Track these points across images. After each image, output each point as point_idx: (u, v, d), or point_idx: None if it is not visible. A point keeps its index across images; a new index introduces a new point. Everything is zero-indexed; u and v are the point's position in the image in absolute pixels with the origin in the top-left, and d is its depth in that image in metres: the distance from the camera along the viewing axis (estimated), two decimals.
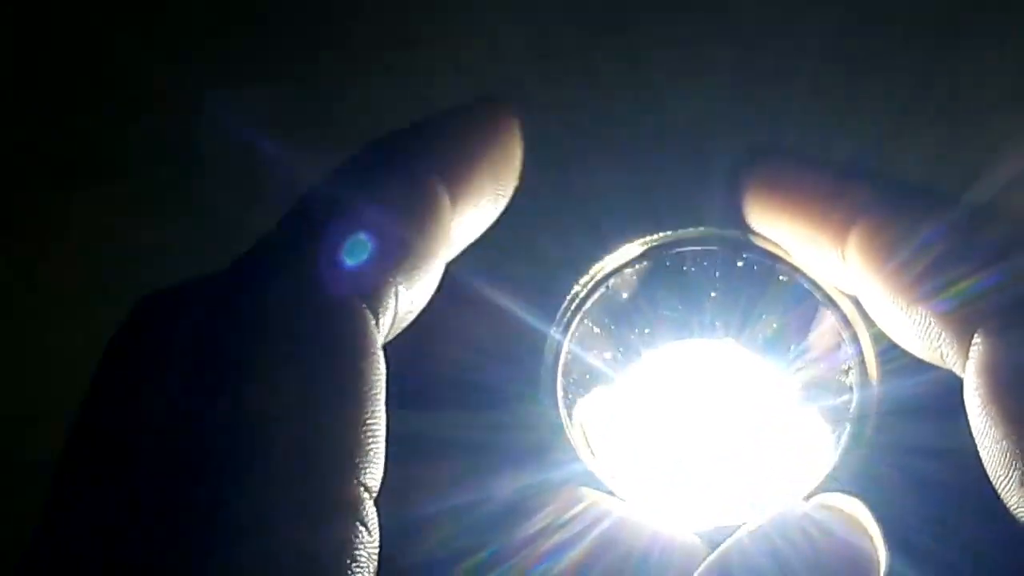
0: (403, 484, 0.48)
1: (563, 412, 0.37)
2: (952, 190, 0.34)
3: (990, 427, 0.30)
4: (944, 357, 0.32)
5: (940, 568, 0.31)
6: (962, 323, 0.31)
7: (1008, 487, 0.30)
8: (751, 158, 0.36)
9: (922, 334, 0.32)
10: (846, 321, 0.35)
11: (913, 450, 0.34)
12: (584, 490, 0.35)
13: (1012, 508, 0.30)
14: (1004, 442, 0.29)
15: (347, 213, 0.30)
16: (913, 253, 0.32)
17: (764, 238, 0.36)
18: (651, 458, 0.37)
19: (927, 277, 0.32)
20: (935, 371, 0.32)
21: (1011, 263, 0.31)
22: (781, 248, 0.36)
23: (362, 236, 0.29)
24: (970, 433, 0.31)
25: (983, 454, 0.30)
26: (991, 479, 0.30)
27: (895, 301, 0.33)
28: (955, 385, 0.32)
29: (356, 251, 0.29)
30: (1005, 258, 0.31)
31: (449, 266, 0.32)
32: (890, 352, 0.35)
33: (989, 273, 0.31)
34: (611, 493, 0.35)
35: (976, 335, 0.31)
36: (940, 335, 0.32)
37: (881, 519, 0.32)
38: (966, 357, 0.31)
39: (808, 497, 0.34)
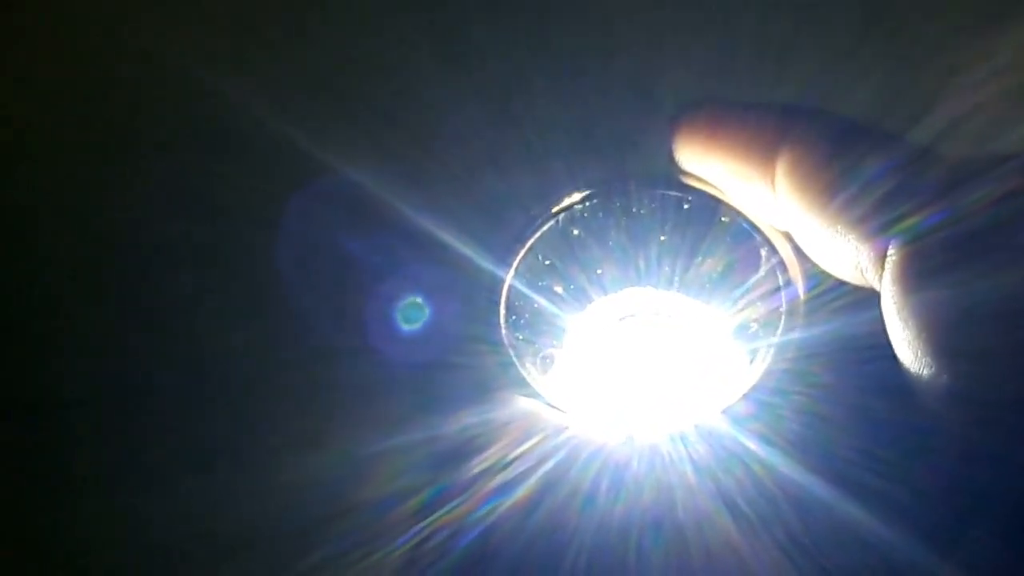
0: (352, 423, 0.49)
1: (510, 349, 0.37)
2: (901, 125, 0.36)
3: (902, 330, 0.31)
4: (864, 272, 0.33)
5: (883, 504, 0.32)
6: (881, 239, 0.32)
7: (920, 380, 0.31)
8: (686, 107, 0.37)
9: (845, 253, 0.34)
10: (782, 264, 0.37)
11: (858, 388, 0.35)
12: (532, 426, 0.36)
13: (925, 401, 0.31)
14: (916, 341, 0.31)
15: None
16: (835, 176, 0.33)
17: (705, 181, 0.37)
18: (596, 392, 0.38)
19: (850, 199, 0.33)
20: (879, 310, 0.33)
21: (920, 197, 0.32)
22: (721, 191, 0.37)
23: None
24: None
25: (899, 356, 0.32)
26: (908, 376, 0.32)
27: (818, 221, 0.34)
28: None
29: None
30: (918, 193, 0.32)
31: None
32: (836, 290, 0.36)
33: (907, 202, 0.32)
34: (559, 428, 0.36)
35: (890, 247, 0.32)
36: (860, 253, 0.33)
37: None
38: (883, 270, 0.32)
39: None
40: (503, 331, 0.37)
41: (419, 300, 0.47)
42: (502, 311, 0.37)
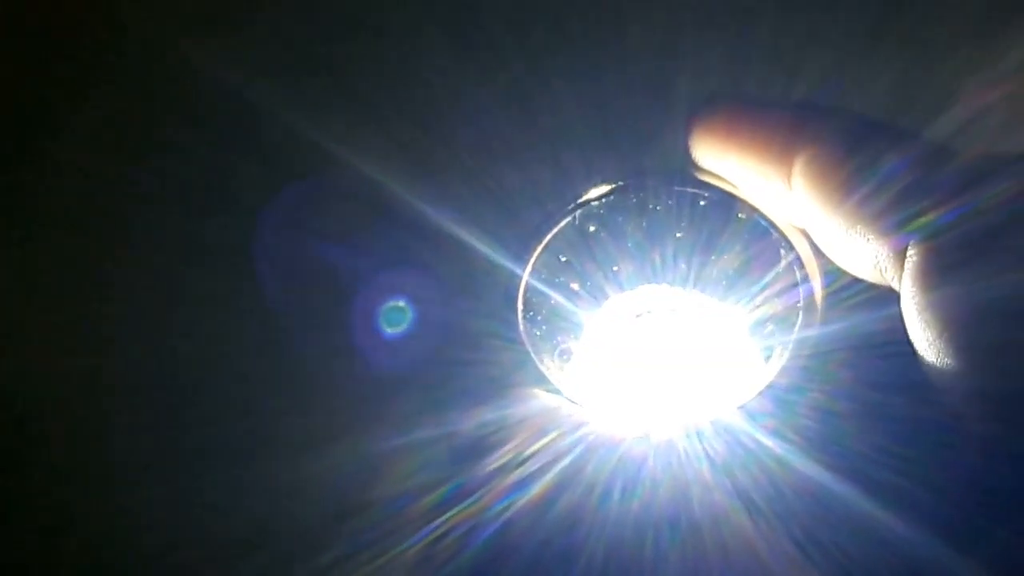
0: (368, 419, 0.49)
1: (528, 345, 0.37)
2: (917, 122, 0.36)
3: (923, 330, 0.31)
4: (883, 272, 0.33)
5: (901, 501, 0.32)
6: (897, 235, 0.32)
7: (941, 380, 0.31)
8: (703, 104, 0.37)
9: (863, 251, 0.34)
10: (799, 261, 0.37)
11: (874, 385, 0.35)
12: (548, 423, 0.36)
13: (947, 400, 0.31)
14: (937, 341, 0.31)
15: None
16: (855, 177, 0.33)
17: (721, 178, 0.37)
18: (613, 388, 0.38)
19: (869, 199, 0.33)
20: (895, 307, 0.33)
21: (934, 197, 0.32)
22: (738, 188, 0.37)
23: None
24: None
25: (920, 356, 0.32)
26: (929, 376, 0.32)
27: (837, 222, 0.34)
28: None
29: None
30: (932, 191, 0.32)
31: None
32: (852, 287, 0.36)
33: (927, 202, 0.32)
34: (576, 424, 0.36)
35: (910, 247, 0.32)
36: (878, 251, 0.33)
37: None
38: (902, 269, 0.32)
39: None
40: (521, 327, 0.37)
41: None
42: (519, 307, 0.38)
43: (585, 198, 0.38)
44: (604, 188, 0.38)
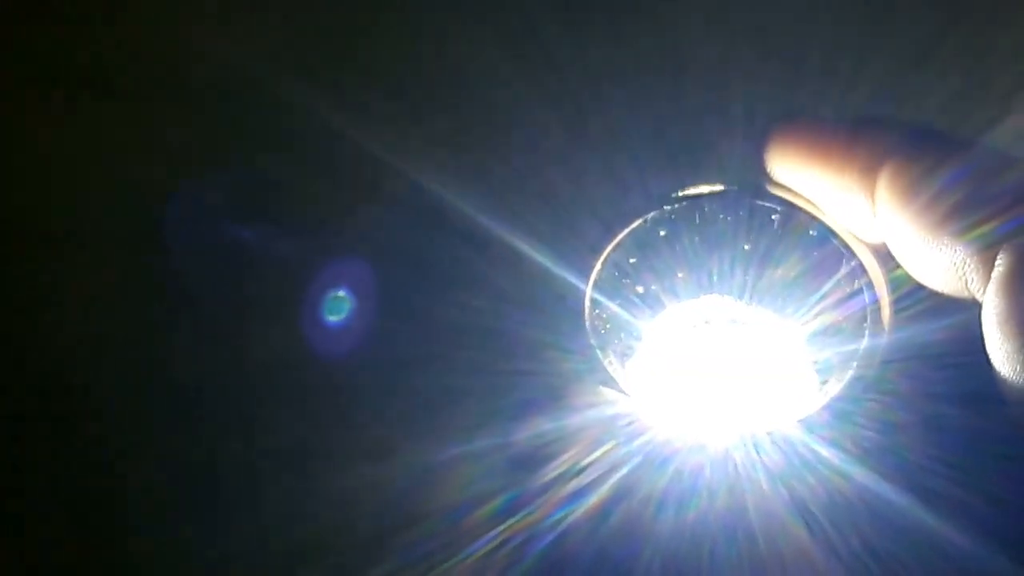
0: (427, 429, 0.49)
1: (593, 340, 0.38)
2: (973, 134, 0.35)
3: (1004, 342, 0.31)
4: (968, 284, 0.33)
5: (960, 513, 0.32)
6: (989, 251, 0.32)
7: (1017, 394, 0.31)
8: (777, 121, 0.37)
9: (948, 263, 0.33)
10: (867, 277, 0.36)
11: (933, 395, 0.34)
12: (605, 433, 0.36)
13: (1017, 414, 0.31)
14: (1017, 354, 0.30)
15: None
16: (942, 190, 0.33)
17: (789, 190, 0.37)
18: (670, 397, 0.38)
19: (957, 212, 0.33)
20: (955, 316, 0.33)
21: None
22: (811, 203, 0.37)
23: None
24: (989, 375, 0.31)
25: (997, 369, 0.31)
26: (1005, 395, 0.31)
27: (924, 234, 0.33)
28: (974, 331, 0.32)
29: None
30: None
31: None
32: (911, 297, 0.35)
33: (1014, 213, 0.32)
34: (632, 434, 0.36)
35: (998, 258, 0.31)
36: (966, 263, 0.32)
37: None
38: (988, 280, 0.32)
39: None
40: (587, 323, 0.38)
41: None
42: (587, 304, 0.38)
43: (662, 202, 0.38)
44: (681, 194, 0.38)
